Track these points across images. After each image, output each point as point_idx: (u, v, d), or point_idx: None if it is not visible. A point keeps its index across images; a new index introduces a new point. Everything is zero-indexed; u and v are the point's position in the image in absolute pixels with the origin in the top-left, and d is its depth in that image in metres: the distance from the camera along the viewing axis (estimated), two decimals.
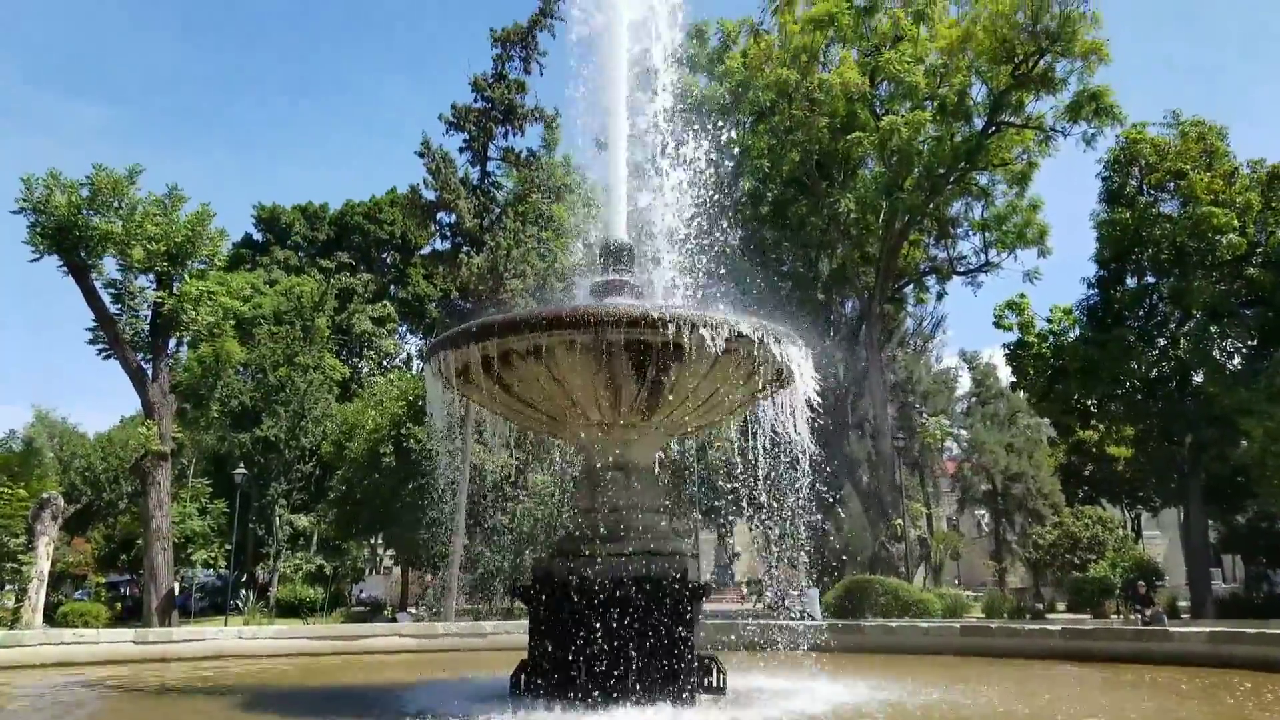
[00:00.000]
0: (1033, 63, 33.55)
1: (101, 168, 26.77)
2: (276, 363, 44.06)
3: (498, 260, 27.98)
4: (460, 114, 30.71)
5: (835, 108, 34.64)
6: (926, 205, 35.78)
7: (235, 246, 55.81)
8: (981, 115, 35.63)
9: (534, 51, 31.06)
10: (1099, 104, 33.42)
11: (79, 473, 44.85)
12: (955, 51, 34.42)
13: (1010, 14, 32.92)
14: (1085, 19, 32.40)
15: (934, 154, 34.12)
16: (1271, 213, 33.96)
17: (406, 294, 61.98)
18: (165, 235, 27.23)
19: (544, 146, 32.25)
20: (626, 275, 10.07)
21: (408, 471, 30.41)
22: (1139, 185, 36.46)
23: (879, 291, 36.79)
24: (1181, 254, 34.52)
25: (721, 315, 8.37)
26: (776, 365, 8.75)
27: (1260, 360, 33.25)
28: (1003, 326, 40.74)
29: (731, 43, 39.58)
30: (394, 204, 60.99)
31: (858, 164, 37.39)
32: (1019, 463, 40.14)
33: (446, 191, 29.80)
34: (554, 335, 8.06)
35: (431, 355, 9.35)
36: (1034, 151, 36.50)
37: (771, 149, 36.12)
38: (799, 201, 36.87)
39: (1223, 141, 35.63)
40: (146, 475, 26.85)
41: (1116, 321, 37.17)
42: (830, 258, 38.68)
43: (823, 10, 35.73)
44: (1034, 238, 37.98)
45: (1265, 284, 33.29)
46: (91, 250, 26.61)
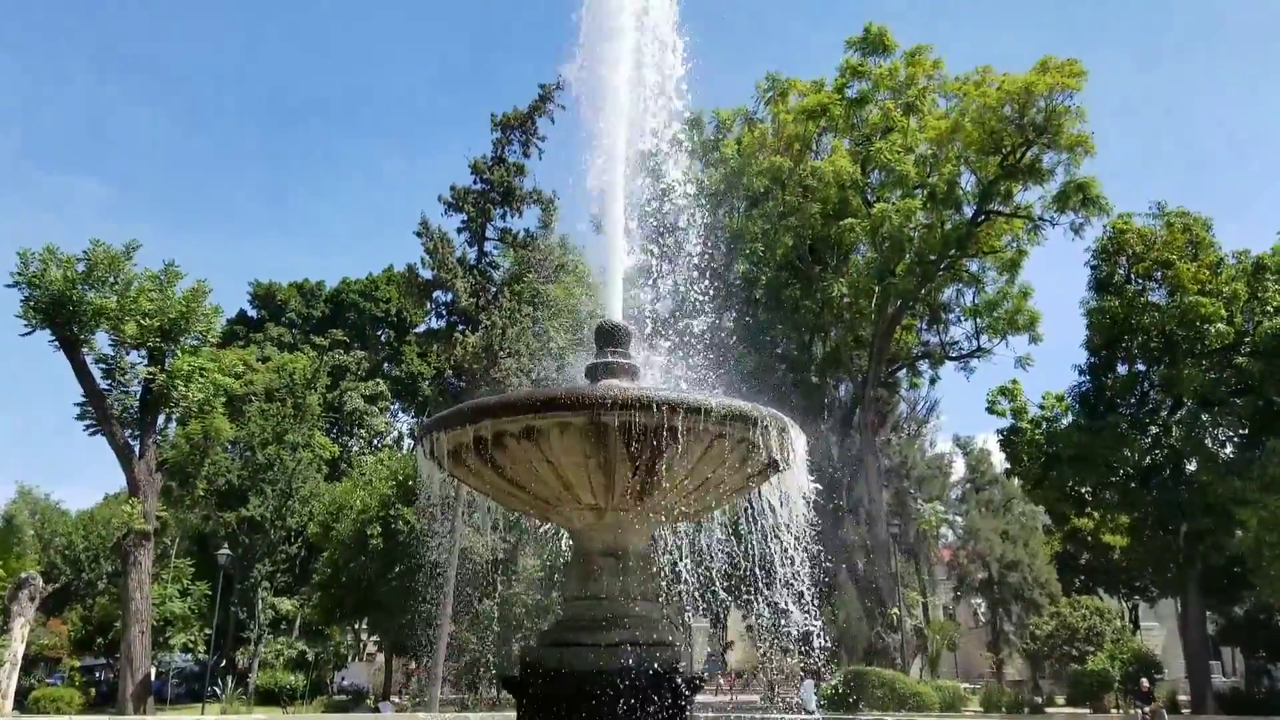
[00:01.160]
0: (1020, 154, 34.28)
1: (99, 243, 26.95)
2: (266, 440, 43.68)
3: (493, 339, 28.03)
4: (459, 195, 31.15)
5: (828, 194, 35.24)
6: (918, 291, 36.12)
7: (229, 323, 55.87)
8: (971, 204, 36.25)
9: (533, 136, 31.70)
10: (1086, 195, 34.05)
11: (59, 551, 44.01)
12: (944, 142, 35.20)
13: (997, 107, 33.75)
14: (1070, 113, 33.24)
15: (925, 241, 34.60)
16: (1258, 303, 34.28)
17: (400, 372, 61.93)
18: (159, 311, 27.25)
19: (541, 227, 32.67)
20: (622, 357, 10.01)
21: (395, 554, 29.91)
22: (1127, 274, 36.87)
23: (872, 375, 36.88)
24: (1171, 342, 34.73)
25: (717, 398, 8.29)
26: (771, 449, 8.63)
27: (1252, 449, 33.17)
28: (996, 412, 40.64)
29: (726, 130, 40.48)
30: (390, 282, 61.41)
31: (850, 249, 37.86)
32: (1015, 550, 39.74)
33: (444, 271, 30.03)
34: (548, 417, 7.95)
35: (424, 436, 9.21)
36: (1023, 240, 37.06)
37: (765, 233, 36.61)
38: (793, 285, 37.21)
39: (1207, 232, 36.17)
40: (128, 555, 26.35)
41: (1109, 408, 37.16)
42: (824, 341, 38.87)
43: (815, 102, 36.67)
44: (1025, 324, 38.26)
45: (1254, 373, 33.41)
46: (84, 325, 26.58)
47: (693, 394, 8.15)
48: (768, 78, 39.40)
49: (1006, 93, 33.64)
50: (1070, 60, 33.25)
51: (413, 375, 60.61)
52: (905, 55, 37.54)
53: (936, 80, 37.66)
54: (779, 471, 9.20)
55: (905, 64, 37.38)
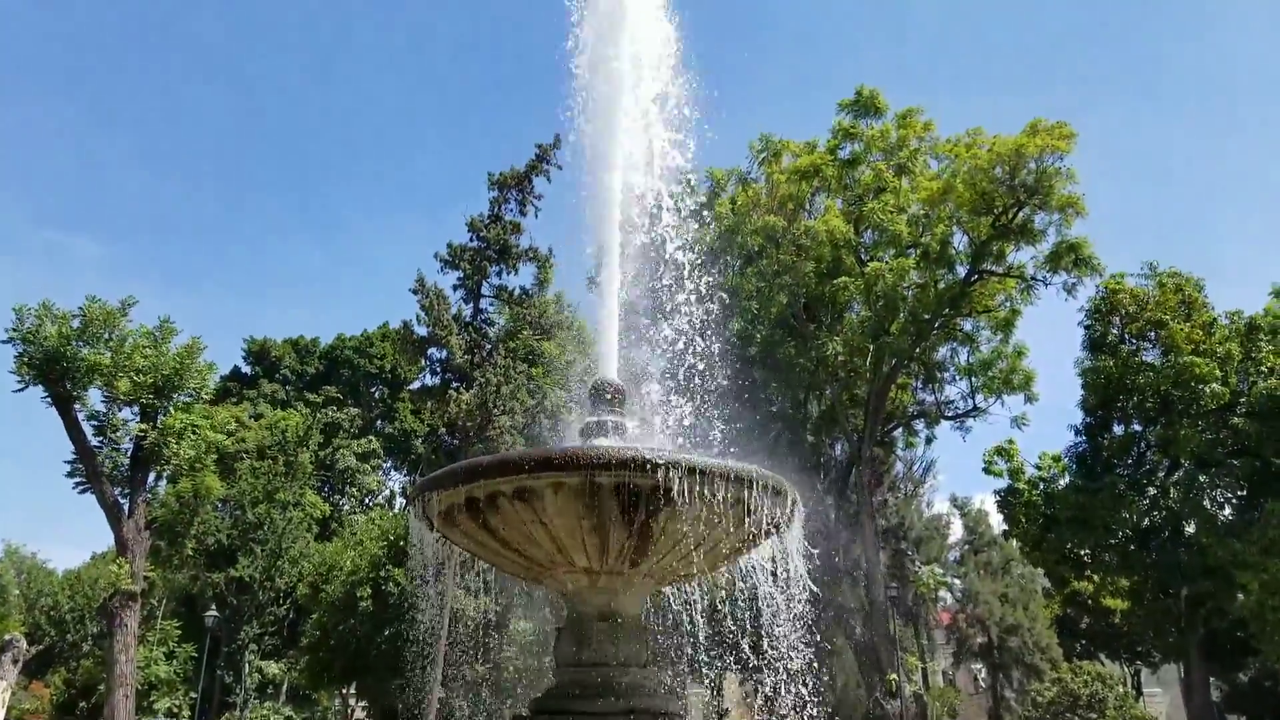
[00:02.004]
0: (1012, 214, 34.57)
1: (94, 299, 26.91)
2: (256, 499, 43.25)
3: (487, 397, 27.93)
4: (455, 253, 31.30)
5: (821, 253, 35.47)
6: (913, 350, 36.16)
7: (223, 380, 55.74)
8: (964, 263, 36.47)
9: (530, 195, 31.99)
10: (1078, 255, 34.24)
11: (44, 612, 43.28)
12: (936, 202, 35.53)
13: (989, 169, 34.12)
14: (1061, 174, 33.56)
15: (919, 300, 34.74)
16: (1252, 363, 34.38)
17: (393, 429, 61.64)
18: (153, 367, 27.13)
19: (537, 284, 32.77)
20: (616, 416, 9.92)
21: (385, 616, 29.40)
22: (1121, 334, 37.01)
23: (868, 434, 36.74)
24: (1166, 402, 34.73)
25: (712, 459, 8.20)
26: (768, 511, 8.51)
27: (1251, 511, 32.98)
28: (992, 473, 40.47)
29: (720, 190, 40.88)
30: (385, 338, 61.45)
31: (845, 307, 37.98)
32: (1015, 614, 39.22)
33: (439, 328, 30.03)
34: (542, 477, 7.84)
35: (416, 496, 9.08)
36: (1016, 299, 37.20)
37: (760, 291, 36.76)
38: (787, 343, 37.25)
39: (1200, 293, 36.42)
40: (114, 616, 25.86)
41: (1106, 469, 37.03)
42: (819, 400, 38.80)
43: (807, 162, 37.09)
44: (1020, 384, 38.25)
45: (1251, 434, 33.35)
46: (78, 382, 26.43)
47: (688, 454, 8.04)
48: (761, 138, 39.90)
49: (997, 154, 34.04)
50: (1060, 123, 33.72)
51: (406, 433, 60.31)
52: (896, 117, 38.07)
53: (928, 142, 38.12)
54: (776, 533, 9.06)
55: (897, 126, 37.89)
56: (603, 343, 10.76)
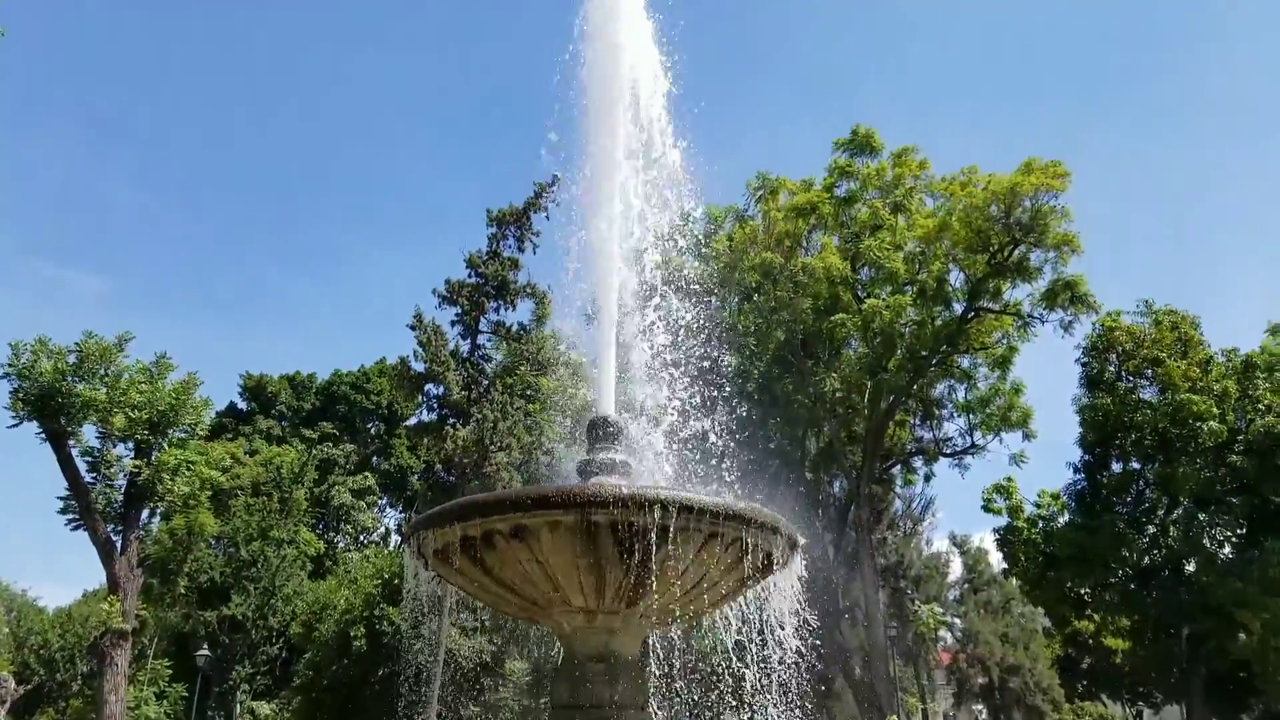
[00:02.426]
0: (1008, 252, 34.72)
1: (91, 335, 26.85)
2: (250, 536, 42.87)
3: (484, 433, 27.82)
4: (453, 289, 31.36)
5: (818, 290, 35.56)
6: (910, 386, 36.14)
7: (219, 415, 55.49)
8: (960, 300, 36.57)
9: (528, 231, 32.12)
10: (1074, 293, 34.35)
11: (33, 650, 42.72)
12: (933, 240, 35.70)
13: (984, 207, 34.32)
14: (1055, 212, 33.76)
15: (916, 337, 34.79)
16: (1249, 401, 34.37)
17: (389, 465, 61.33)
18: (149, 403, 27.02)
19: (535, 320, 32.80)
20: (614, 453, 9.86)
21: (379, 656, 29.06)
22: (1118, 371, 37.04)
23: (867, 472, 36.60)
24: (1164, 440, 34.67)
25: (710, 497, 8.13)
26: (767, 550, 8.44)
27: (1251, 549, 32.80)
28: (991, 511, 40.29)
29: (718, 227, 41.10)
30: (382, 374, 61.32)
31: (842, 344, 38.01)
32: (1015, 654, 38.85)
33: (436, 364, 29.98)
34: (538, 516, 7.76)
35: (411, 535, 8.98)
36: (1013, 336, 37.25)
37: (757, 327, 36.82)
38: (785, 379, 37.23)
39: (1196, 330, 36.50)
40: (104, 655, 25.51)
41: (1105, 508, 36.87)
42: (817, 436, 38.71)
43: (804, 200, 37.34)
44: (1018, 421, 38.20)
45: (1249, 472, 33.27)
46: (72, 417, 26.30)
47: (686, 492, 7.97)
48: (758, 176, 40.24)
49: (992, 193, 34.25)
50: (1054, 162, 33.98)
51: (402, 469, 60.02)
52: (892, 156, 38.38)
53: (923, 180, 38.41)
54: (774, 572, 8.96)
55: (892, 164, 38.20)
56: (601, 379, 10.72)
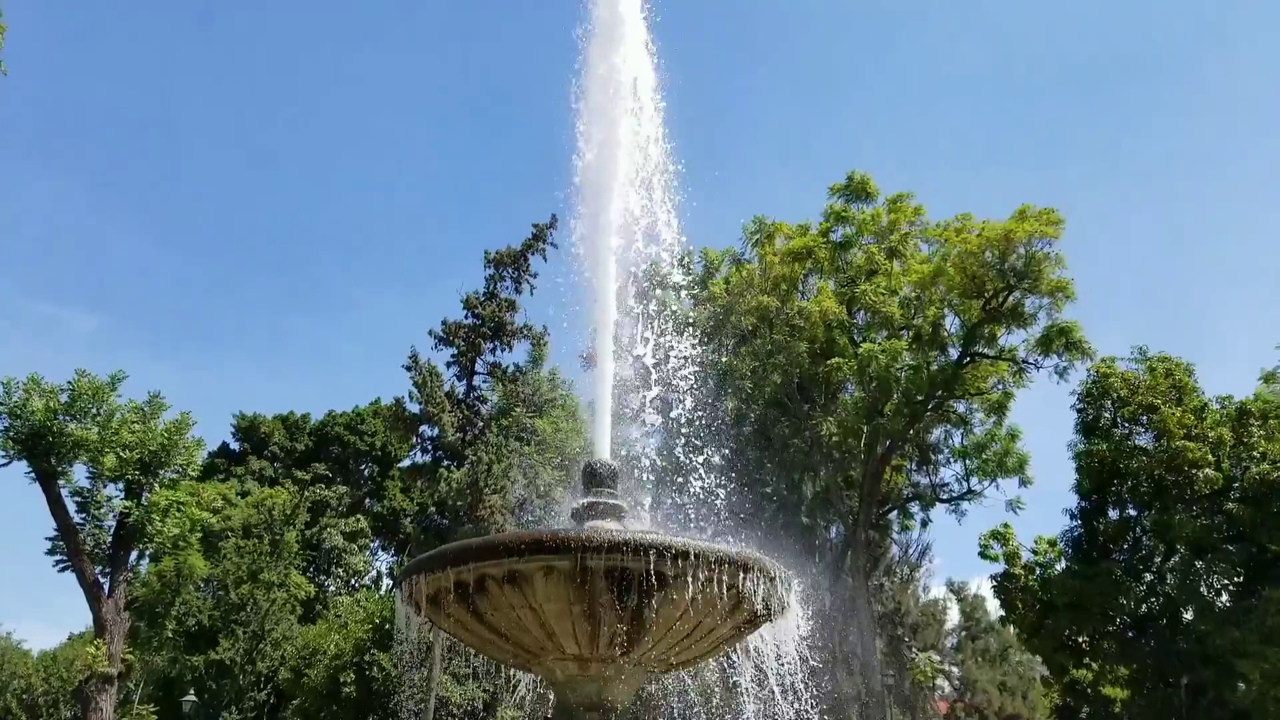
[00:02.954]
0: (1002, 298, 34.88)
1: (84, 374, 26.78)
2: (240, 579, 42.41)
3: (478, 475, 27.67)
4: (450, 330, 31.40)
5: (815, 333, 35.64)
6: (907, 431, 36.09)
7: (211, 455, 55.19)
8: (956, 346, 36.66)
9: (525, 273, 32.28)
10: (1068, 339, 34.46)
11: (15, 694, 42.09)
12: (928, 285, 35.86)
13: (978, 253, 34.52)
14: (1049, 259, 33.97)
15: (912, 381, 34.81)
16: (1244, 448, 34.30)
17: (382, 508, 60.85)
18: (140, 443, 26.89)
19: (531, 362, 32.82)
20: (609, 497, 9.79)
21: (369, 703, 28.61)
22: (1113, 418, 36.99)
23: (863, 517, 36.42)
24: (1160, 487, 34.56)
25: (705, 542, 8.06)
26: (763, 596, 8.34)
27: (1249, 598, 32.55)
28: (988, 557, 39.99)
29: (715, 270, 41.31)
30: (376, 415, 61.07)
31: (838, 388, 38.01)
32: (1013, 703, 38.39)
33: (431, 405, 29.93)
34: (532, 561, 7.69)
35: (404, 580, 8.88)
36: (1009, 382, 37.29)
37: (754, 371, 36.82)
38: (781, 423, 37.17)
39: (1190, 377, 36.50)
40: (89, 700, 25.13)
41: (1102, 555, 36.65)
42: (814, 481, 38.56)
43: (800, 245, 37.55)
44: (1014, 467, 38.12)
45: (1245, 520, 33.11)
46: (63, 457, 26.16)
47: (681, 538, 7.90)
48: (755, 220, 40.48)
49: (986, 239, 34.49)
50: (1047, 209, 34.25)
51: (394, 511, 59.54)
52: (887, 202, 38.68)
53: (918, 226, 38.67)
54: (771, 619, 8.85)
55: (887, 210, 38.48)
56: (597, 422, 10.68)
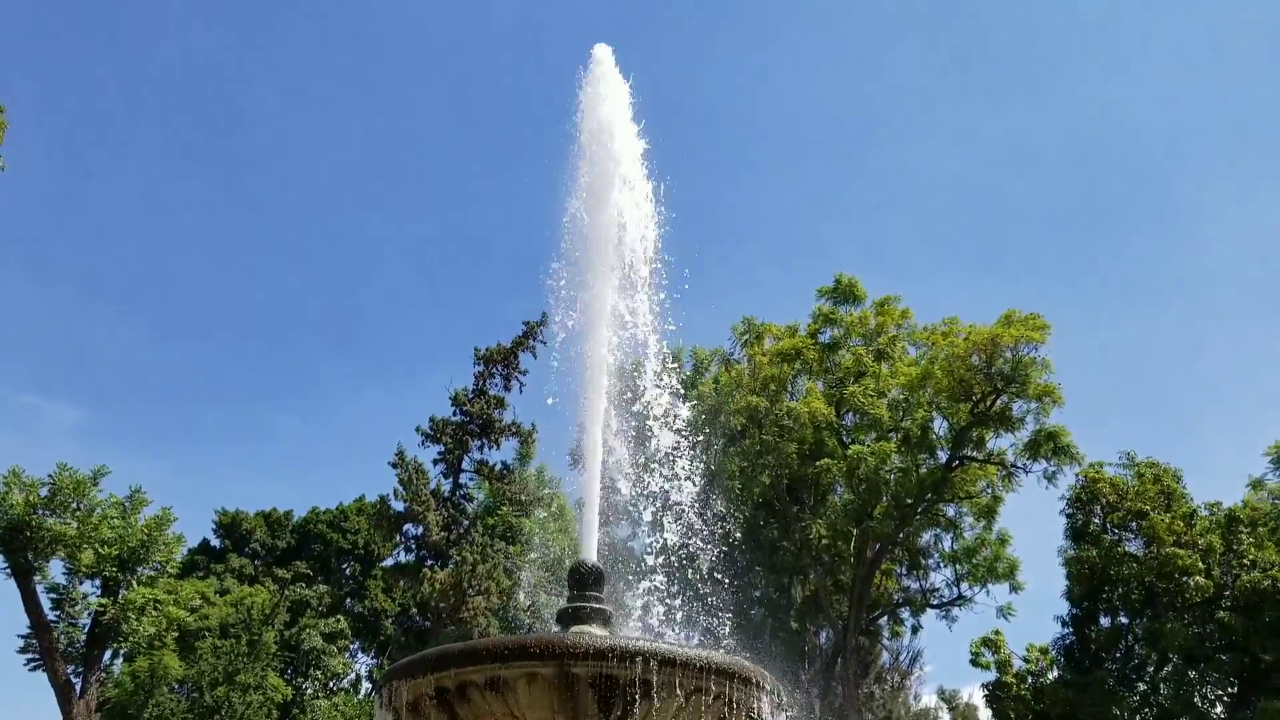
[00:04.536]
0: (990, 402, 35.12)
1: (65, 467, 26.63)
2: (216, 680, 41.10)
3: (462, 576, 27.29)
4: (437, 427, 31.33)
5: (804, 434, 35.68)
6: (897, 534, 35.88)
7: (191, 552, 54.15)
8: (944, 449, 36.74)
9: (515, 370, 32.41)
10: (1056, 443, 34.57)
11: None
12: (916, 388, 36.12)
13: (965, 356, 34.90)
14: (1036, 364, 34.32)
15: (901, 484, 34.77)
16: (1234, 555, 34.20)
17: (363, 608, 59.50)
18: (120, 539, 26.60)
19: (519, 460, 32.69)
20: (596, 601, 9.69)
21: None
22: (1102, 524, 36.89)
23: (853, 622, 35.87)
24: (1151, 594, 34.29)
25: (694, 650, 7.99)
26: (752, 705, 8.22)
27: (1243, 709, 32.01)
28: (980, 665, 39.31)
29: (704, 369, 41.58)
30: (361, 513, 60.26)
31: (827, 490, 37.92)
32: None
33: (416, 503, 29.67)
34: (515, 667, 7.58)
35: (383, 685, 8.72)
36: (998, 486, 37.24)
37: (743, 471, 36.72)
38: (770, 525, 36.96)
39: (1178, 483, 36.59)
40: None
41: (1094, 663, 36.10)
42: (803, 584, 38.13)
43: (789, 345, 37.93)
44: (1004, 572, 37.81)
45: (1237, 628, 32.80)
46: (40, 552, 25.81)
47: (669, 645, 7.83)
48: (744, 321, 40.91)
49: (973, 343, 34.91)
50: (1033, 315, 34.81)
51: (376, 612, 58.22)
52: (875, 304, 39.25)
53: (905, 328, 39.19)
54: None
55: (875, 313, 39.02)
56: (585, 522, 10.65)
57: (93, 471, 26.96)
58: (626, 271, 12.48)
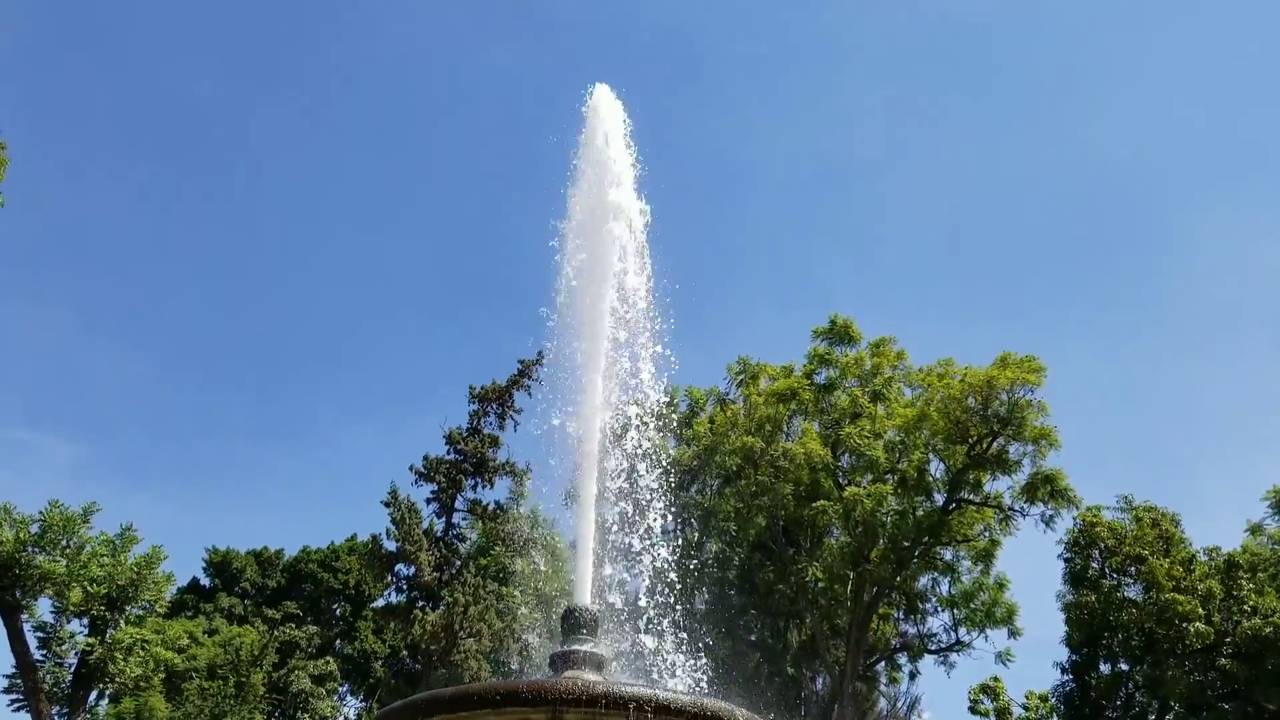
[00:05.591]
0: (986, 444, 35.01)
1: (56, 504, 26.38)
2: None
3: (454, 617, 26.93)
4: (431, 465, 31.13)
5: (800, 476, 35.49)
6: (894, 578, 35.58)
7: (180, 591, 53.65)
8: (941, 491, 36.54)
9: (510, 408, 32.27)
10: (1053, 487, 34.42)
11: None
12: (912, 430, 36.00)
13: (961, 399, 34.84)
14: (1032, 407, 34.26)
15: (898, 527, 34.54)
16: (1234, 601, 33.91)
17: (353, 649, 58.77)
18: (109, 577, 26.28)
19: (512, 499, 32.46)
20: (589, 645, 9.55)
21: None
22: (1101, 568, 36.64)
23: (850, 668, 35.40)
24: (1152, 641, 33.93)
25: (688, 695, 7.85)
26: None
27: None
28: (979, 713, 38.81)
29: (699, 409, 41.45)
30: (352, 552, 59.76)
31: (823, 532, 37.65)
32: None
33: (408, 543, 29.38)
34: (506, 713, 7.43)
35: None
36: (995, 529, 37.00)
37: (738, 512, 36.47)
38: (766, 568, 36.64)
39: (1176, 527, 36.40)
40: None
41: (1095, 711, 35.66)
42: (799, 629, 37.71)
43: (784, 386, 37.86)
44: (1003, 617, 37.45)
45: (1239, 676, 32.44)
46: (28, 590, 25.50)
47: (662, 691, 7.69)
48: (739, 361, 40.90)
49: (969, 385, 34.86)
50: (1029, 356, 34.82)
51: (366, 654, 57.48)
52: (870, 346, 39.23)
53: (901, 370, 39.14)
54: None
55: (870, 354, 38.98)
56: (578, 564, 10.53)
57: (83, 508, 26.73)
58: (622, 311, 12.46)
